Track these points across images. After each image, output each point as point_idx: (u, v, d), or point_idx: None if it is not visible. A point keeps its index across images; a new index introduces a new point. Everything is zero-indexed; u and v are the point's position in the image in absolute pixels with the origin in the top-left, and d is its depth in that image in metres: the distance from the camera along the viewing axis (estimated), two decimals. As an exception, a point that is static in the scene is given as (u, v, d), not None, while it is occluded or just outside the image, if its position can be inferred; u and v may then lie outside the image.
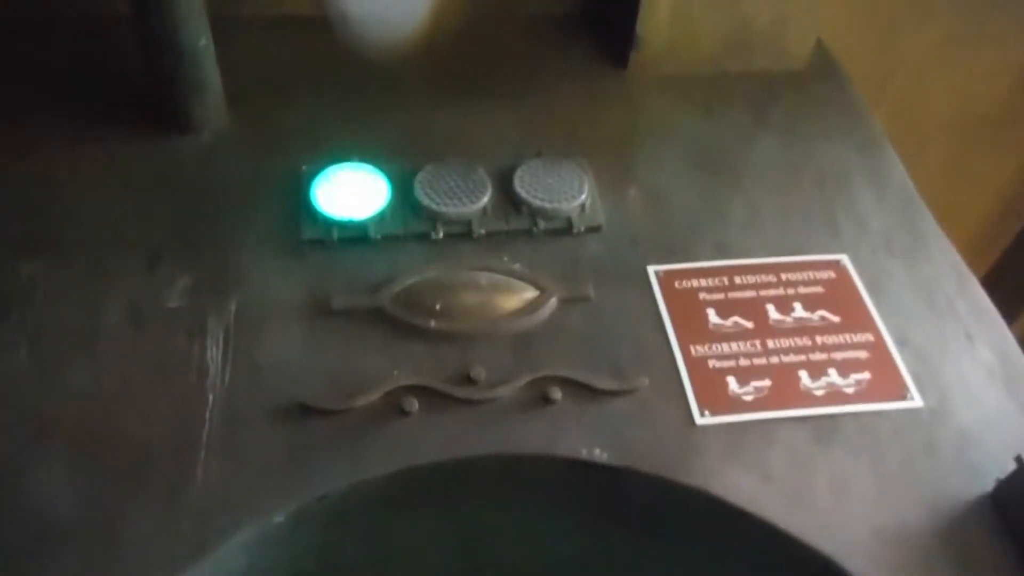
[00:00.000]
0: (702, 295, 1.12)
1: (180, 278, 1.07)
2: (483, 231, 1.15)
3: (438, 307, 1.05)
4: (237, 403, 0.97)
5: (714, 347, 1.07)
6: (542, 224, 1.16)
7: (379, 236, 1.13)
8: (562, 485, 0.99)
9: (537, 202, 1.17)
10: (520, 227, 1.16)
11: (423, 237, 1.14)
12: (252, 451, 0.93)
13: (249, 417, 0.96)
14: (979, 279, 1.18)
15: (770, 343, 1.08)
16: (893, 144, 1.36)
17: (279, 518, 0.90)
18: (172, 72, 1.18)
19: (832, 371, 1.06)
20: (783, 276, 1.15)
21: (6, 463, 0.90)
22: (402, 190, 1.17)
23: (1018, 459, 0.92)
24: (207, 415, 0.96)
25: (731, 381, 1.04)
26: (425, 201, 1.15)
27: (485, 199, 1.16)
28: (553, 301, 1.08)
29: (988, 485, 0.96)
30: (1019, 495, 0.92)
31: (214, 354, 1.01)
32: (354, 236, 1.12)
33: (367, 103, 1.32)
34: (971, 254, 1.27)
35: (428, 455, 0.95)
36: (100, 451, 0.92)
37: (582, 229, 1.17)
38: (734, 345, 1.07)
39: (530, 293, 1.08)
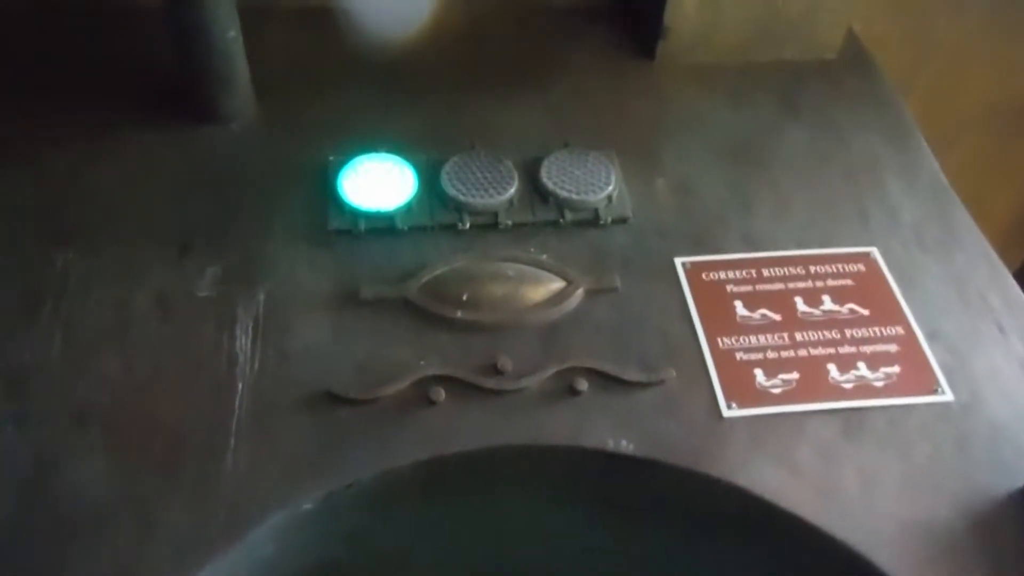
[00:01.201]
0: (729, 287, 1.11)
1: (209, 267, 1.08)
2: (510, 222, 1.15)
3: (465, 297, 1.05)
4: (266, 392, 0.98)
5: (741, 339, 1.06)
6: (569, 215, 1.16)
7: (406, 227, 1.13)
8: (588, 476, 0.99)
9: (564, 193, 1.16)
10: (547, 218, 1.16)
11: (450, 228, 1.14)
12: (281, 439, 0.94)
13: (278, 406, 0.97)
14: (1012, 272, 1.16)
15: (798, 336, 1.07)
16: (925, 135, 1.34)
17: (308, 505, 0.91)
18: (201, 64, 1.19)
19: (861, 364, 1.05)
20: (812, 268, 1.14)
21: (41, 450, 0.92)
22: (429, 181, 1.17)
23: (1051, 454, 0.91)
24: (236, 403, 0.97)
25: (758, 374, 1.03)
26: (452, 192, 1.15)
27: (512, 190, 1.16)
28: (580, 292, 1.08)
29: (1020, 480, 0.95)
30: (1052, 491, 0.91)
31: (243, 343, 1.02)
32: (381, 227, 1.13)
33: (394, 94, 1.33)
34: (1004, 247, 1.26)
35: (455, 445, 0.95)
36: (132, 439, 0.93)
37: (609, 220, 1.16)
38: (762, 338, 1.07)
39: (557, 284, 1.08)
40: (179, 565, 0.85)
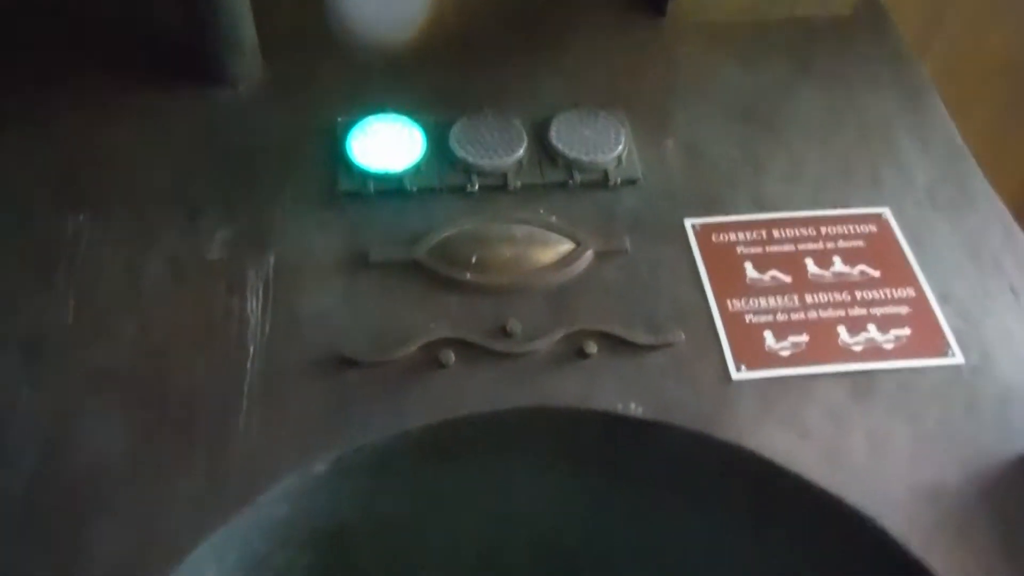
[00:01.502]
0: (740, 249, 1.11)
1: (219, 231, 1.08)
2: (519, 184, 1.14)
3: (474, 260, 1.05)
4: (277, 355, 0.98)
5: (751, 301, 1.06)
6: (578, 177, 1.15)
7: (415, 189, 1.13)
8: (597, 439, 0.99)
9: (573, 154, 1.15)
10: (556, 179, 1.15)
11: (459, 190, 1.13)
12: (293, 402, 0.95)
13: (289, 368, 0.97)
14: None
15: (808, 298, 1.07)
16: (940, 94, 1.32)
17: (320, 468, 0.92)
18: (208, 25, 1.18)
19: (871, 326, 1.05)
20: (823, 230, 1.13)
21: (58, 413, 0.93)
22: (437, 142, 1.16)
23: (1061, 417, 0.91)
24: (248, 366, 0.97)
25: (768, 336, 1.03)
26: (460, 153, 1.14)
27: (521, 151, 1.15)
28: (589, 254, 1.08)
29: (1030, 443, 0.96)
30: (1061, 453, 0.91)
31: (254, 306, 1.02)
32: (390, 188, 1.13)
33: (401, 55, 1.31)
34: (1021, 209, 1.24)
35: (465, 407, 0.96)
36: (147, 401, 0.94)
37: (618, 182, 1.15)
38: (771, 300, 1.06)
39: (566, 246, 1.08)
40: (196, 525, 0.86)
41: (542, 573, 1.14)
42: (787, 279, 1.08)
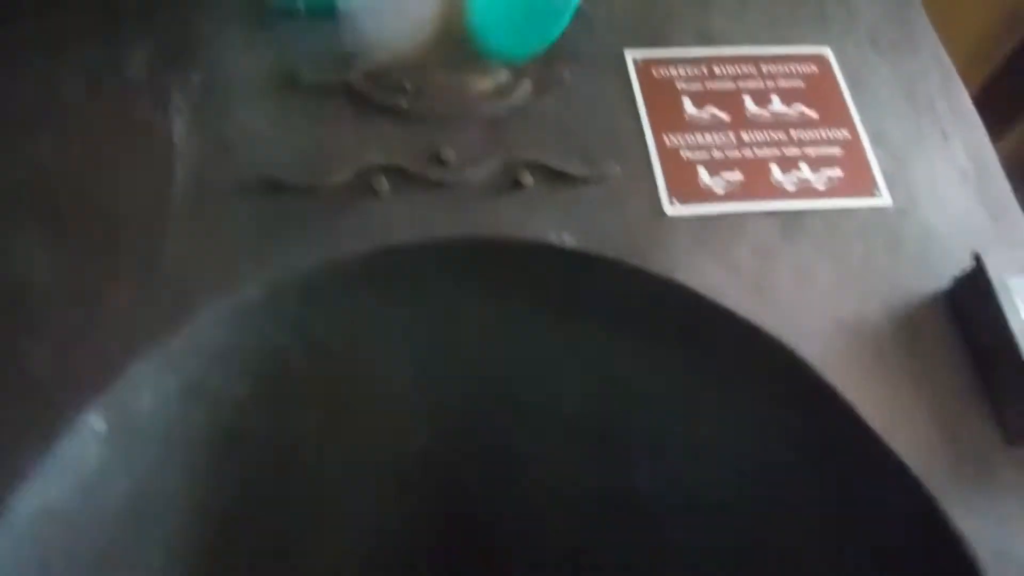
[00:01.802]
0: (679, 84, 1.09)
1: (140, 47, 1.02)
2: (458, 8, 1.09)
3: (408, 86, 1.02)
4: (205, 177, 0.95)
5: (688, 137, 1.06)
6: (519, 3, 1.11)
7: (348, 8, 1.07)
8: (530, 270, 1.00)
9: (514, -21, 1.11)
10: (497, 6, 1.11)
11: (395, 12, 1.09)
12: (221, 226, 0.93)
13: (218, 192, 0.95)
14: (976, 88, 1.16)
15: (744, 136, 1.07)
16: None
17: (251, 292, 0.91)
18: None
19: (804, 166, 1.05)
20: (764, 68, 1.12)
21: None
22: (373, -40, 1.10)
23: (976, 257, 0.94)
24: (174, 190, 0.94)
25: (702, 172, 1.03)
26: (397, -27, 1.09)
27: (461, -26, 1.10)
28: (527, 83, 1.05)
29: (946, 283, 0.99)
30: (973, 292, 0.95)
31: (179, 127, 0.98)
32: (322, 6, 1.07)
33: None
34: (968, 61, 1.24)
35: (399, 235, 0.95)
36: (69, 221, 0.91)
37: (561, 9, 1.12)
38: (708, 136, 1.06)
39: (503, 75, 1.05)
40: (127, 347, 0.85)
41: (482, 403, 1.16)
42: (725, 117, 1.08)
